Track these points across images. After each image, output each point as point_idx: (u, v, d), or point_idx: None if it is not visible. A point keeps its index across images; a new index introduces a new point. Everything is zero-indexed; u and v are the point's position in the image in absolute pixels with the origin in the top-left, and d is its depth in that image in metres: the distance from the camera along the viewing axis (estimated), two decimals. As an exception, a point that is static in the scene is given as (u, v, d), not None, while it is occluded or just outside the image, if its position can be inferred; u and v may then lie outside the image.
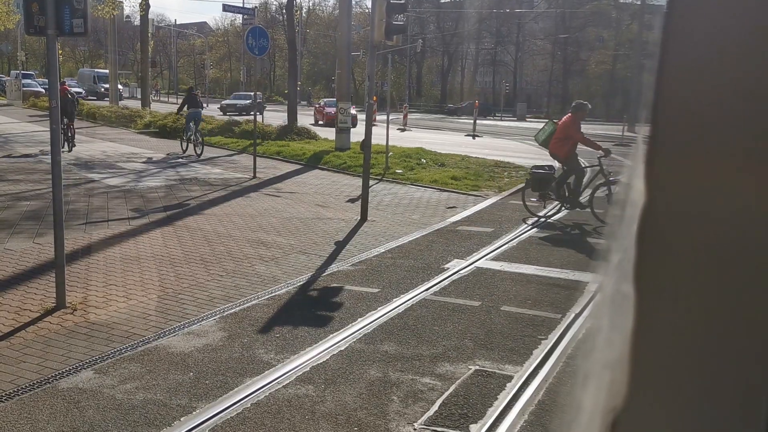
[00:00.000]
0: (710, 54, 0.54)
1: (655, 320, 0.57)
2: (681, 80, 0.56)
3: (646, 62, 0.94)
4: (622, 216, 0.61)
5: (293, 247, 8.42)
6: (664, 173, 0.57)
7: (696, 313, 0.56)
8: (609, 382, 0.59)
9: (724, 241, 0.54)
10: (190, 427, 3.93)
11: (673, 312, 0.56)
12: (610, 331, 0.61)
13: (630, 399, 0.57)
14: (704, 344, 0.55)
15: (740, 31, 0.53)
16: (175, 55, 78.96)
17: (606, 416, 0.58)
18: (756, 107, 0.53)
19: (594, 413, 0.60)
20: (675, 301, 0.56)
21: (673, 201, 0.57)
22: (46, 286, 6.41)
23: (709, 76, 0.55)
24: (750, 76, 0.52)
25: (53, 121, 5.87)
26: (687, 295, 0.56)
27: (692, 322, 0.56)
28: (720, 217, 0.55)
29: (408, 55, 57.45)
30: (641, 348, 0.57)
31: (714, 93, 0.54)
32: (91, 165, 15.41)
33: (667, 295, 0.56)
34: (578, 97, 68.18)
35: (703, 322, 0.55)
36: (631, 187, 0.60)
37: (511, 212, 11.49)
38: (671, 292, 0.57)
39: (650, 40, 0.80)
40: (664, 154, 0.57)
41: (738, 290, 0.54)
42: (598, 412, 0.59)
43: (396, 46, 14.42)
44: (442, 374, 4.83)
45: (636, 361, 0.57)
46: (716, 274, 0.55)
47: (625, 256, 0.58)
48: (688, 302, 0.56)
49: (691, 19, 0.55)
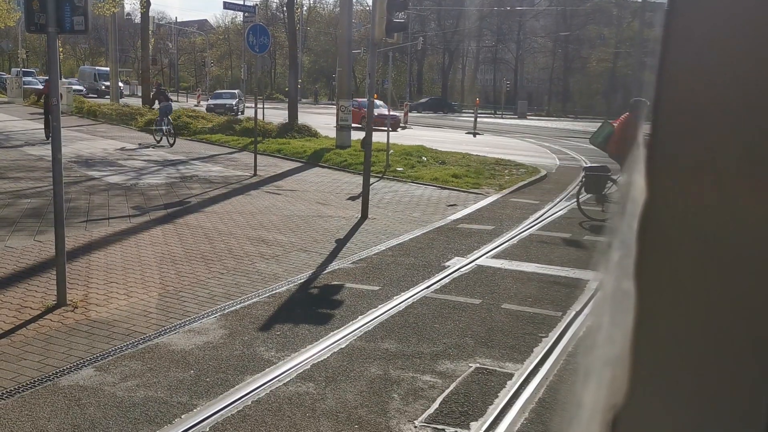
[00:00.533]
0: (711, 52, 0.54)
1: (655, 317, 0.57)
2: (682, 78, 0.56)
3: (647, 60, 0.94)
4: (623, 213, 0.61)
5: (294, 245, 8.42)
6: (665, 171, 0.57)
7: (696, 310, 0.56)
8: (610, 380, 0.59)
9: (724, 238, 0.54)
10: (190, 425, 3.94)
11: (673, 309, 0.56)
12: (610, 328, 0.61)
13: (630, 396, 0.57)
14: (705, 341, 0.56)
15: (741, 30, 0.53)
16: (176, 53, 78.96)
17: (606, 413, 0.58)
18: (756, 105, 0.53)
19: (594, 410, 0.60)
20: (675, 298, 0.56)
21: (674, 198, 0.57)
22: (47, 283, 6.42)
23: (709, 74, 0.55)
24: (750, 74, 0.52)
25: (54, 118, 5.88)
26: (687, 292, 0.56)
27: (693, 319, 0.56)
28: (720, 214, 0.55)
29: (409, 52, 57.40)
30: (642, 345, 0.57)
31: (715, 91, 0.54)
32: (91, 163, 15.42)
33: (667, 292, 0.57)
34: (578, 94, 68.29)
35: (704, 320, 0.55)
36: (632, 185, 0.60)
37: (511, 210, 11.49)
38: (672, 289, 0.57)
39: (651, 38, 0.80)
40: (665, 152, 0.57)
41: (738, 287, 0.54)
42: (598, 409, 0.59)
43: (397, 43, 14.43)
44: (442, 372, 4.83)
45: (637, 358, 0.57)
46: (716, 271, 0.55)
47: (626, 253, 0.59)
48: (688, 299, 0.56)
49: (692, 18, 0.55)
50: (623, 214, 0.60)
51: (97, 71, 57.01)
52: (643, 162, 0.58)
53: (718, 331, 0.55)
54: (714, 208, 0.55)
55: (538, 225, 10.24)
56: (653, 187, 0.57)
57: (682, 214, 0.56)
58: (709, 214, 0.55)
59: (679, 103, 0.57)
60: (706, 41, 0.55)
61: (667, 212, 0.57)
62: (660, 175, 0.57)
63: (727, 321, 0.54)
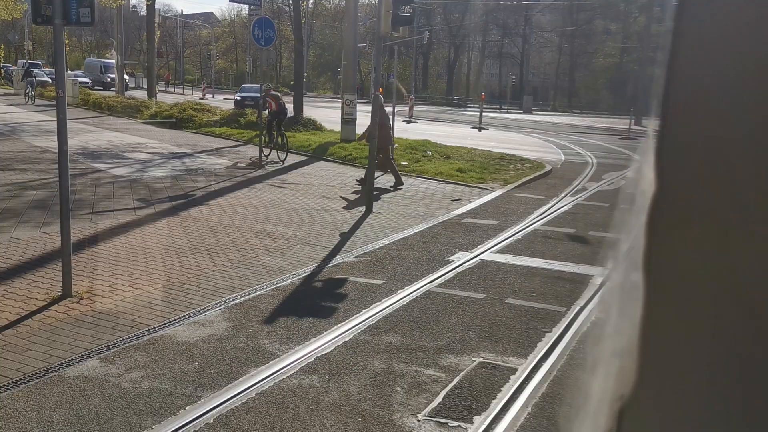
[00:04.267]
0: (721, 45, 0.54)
1: (663, 309, 0.57)
2: (691, 72, 0.56)
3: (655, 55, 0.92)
4: (632, 206, 0.61)
5: (298, 238, 8.43)
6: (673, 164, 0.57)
7: (704, 302, 0.56)
8: (617, 370, 0.59)
9: (732, 230, 0.54)
10: (195, 417, 3.95)
11: (681, 301, 0.57)
12: (619, 319, 0.61)
13: (638, 387, 0.57)
14: (712, 333, 0.56)
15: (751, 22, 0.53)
16: (182, 46, 78.91)
17: (614, 404, 0.59)
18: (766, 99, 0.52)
19: (602, 401, 0.60)
20: (684, 290, 0.57)
21: (682, 191, 0.57)
22: (53, 275, 6.44)
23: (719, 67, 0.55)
24: (762, 67, 0.52)
25: (60, 110, 5.89)
26: (695, 285, 0.56)
27: (701, 311, 0.56)
28: (729, 206, 0.55)
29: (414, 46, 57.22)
30: (650, 337, 0.57)
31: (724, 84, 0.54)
32: (97, 155, 15.44)
33: (675, 284, 0.57)
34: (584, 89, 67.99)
35: (712, 312, 0.56)
36: (641, 178, 0.60)
37: (516, 205, 11.47)
38: (680, 281, 0.57)
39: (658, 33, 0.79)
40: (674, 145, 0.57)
41: (745, 279, 0.54)
42: (606, 400, 0.60)
43: (402, 37, 14.36)
44: (446, 366, 4.84)
45: (645, 349, 0.57)
46: (724, 263, 0.55)
47: (635, 246, 0.59)
48: (696, 291, 0.56)
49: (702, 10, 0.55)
50: (632, 206, 0.61)
51: (103, 63, 57.07)
52: (652, 155, 0.58)
53: (726, 323, 0.55)
54: (722, 200, 0.55)
55: (542, 220, 10.23)
56: (662, 180, 0.57)
57: (691, 207, 0.56)
58: (717, 206, 0.55)
59: (688, 97, 0.56)
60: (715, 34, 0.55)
61: (675, 205, 0.57)
62: (668, 168, 0.57)
63: (734, 313, 0.54)
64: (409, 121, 31.41)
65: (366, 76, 64.89)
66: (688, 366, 0.56)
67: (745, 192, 0.54)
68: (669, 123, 0.58)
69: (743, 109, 0.54)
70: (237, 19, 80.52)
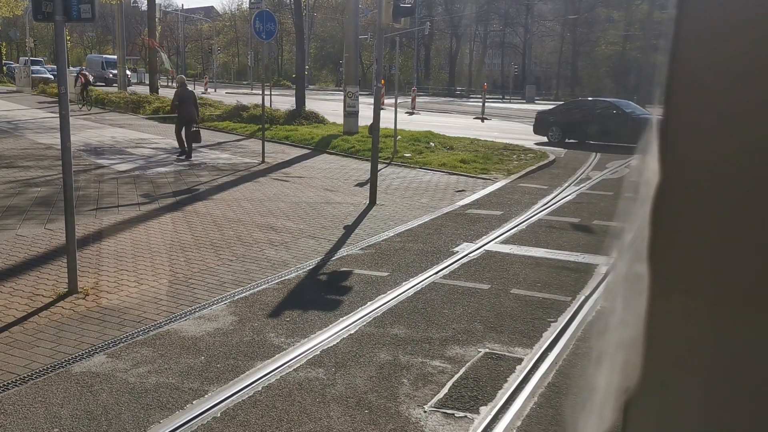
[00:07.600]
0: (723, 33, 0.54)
1: (668, 300, 0.56)
2: (694, 59, 0.55)
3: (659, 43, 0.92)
4: (636, 196, 0.60)
5: (302, 232, 8.44)
6: (677, 153, 0.57)
7: (709, 292, 0.55)
8: (623, 363, 0.59)
9: (736, 220, 0.54)
10: (202, 410, 3.97)
11: (686, 292, 0.56)
12: (623, 311, 0.61)
13: (643, 380, 0.57)
14: (717, 325, 0.55)
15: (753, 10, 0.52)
16: (183, 40, 78.81)
17: (619, 396, 0.58)
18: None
19: (607, 393, 0.60)
20: (688, 280, 0.56)
21: (687, 181, 0.56)
22: (58, 271, 6.46)
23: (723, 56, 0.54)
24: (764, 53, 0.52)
25: (62, 107, 5.89)
26: (700, 275, 0.56)
27: (705, 302, 0.56)
28: (733, 196, 0.54)
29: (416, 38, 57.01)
30: (655, 328, 0.57)
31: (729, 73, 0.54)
32: (100, 151, 15.46)
33: (680, 274, 0.56)
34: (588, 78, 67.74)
35: (716, 303, 0.55)
36: (644, 167, 0.59)
37: (520, 195, 11.46)
38: (684, 271, 0.56)
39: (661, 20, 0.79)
40: (678, 135, 0.57)
41: (750, 270, 0.53)
42: (611, 392, 0.59)
43: (404, 28, 14.30)
44: (452, 357, 4.85)
45: (649, 341, 0.57)
46: (729, 253, 0.54)
47: (639, 236, 0.58)
48: (700, 282, 0.56)
49: None
50: (636, 196, 0.60)
51: (105, 59, 57.06)
52: (656, 145, 0.58)
53: (731, 314, 0.54)
54: (727, 190, 0.54)
55: (546, 210, 10.22)
56: (666, 170, 0.57)
57: (695, 197, 0.56)
58: (721, 196, 0.55)
59: (692, 86, 0.56)
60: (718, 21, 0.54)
61: (679, 194, 0.56)
62: (673, 158, 0.57)
63: (740, 304, 0.54)
64: (412, 113, 31.34)
65: (368, 68, 64.73)
66: (693, 359, 0.56)
67: (750, 181, 0.53)
68: (672, 111, 0.57)
69: (747, 95, 0.53)
70: (238, 12, 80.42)
